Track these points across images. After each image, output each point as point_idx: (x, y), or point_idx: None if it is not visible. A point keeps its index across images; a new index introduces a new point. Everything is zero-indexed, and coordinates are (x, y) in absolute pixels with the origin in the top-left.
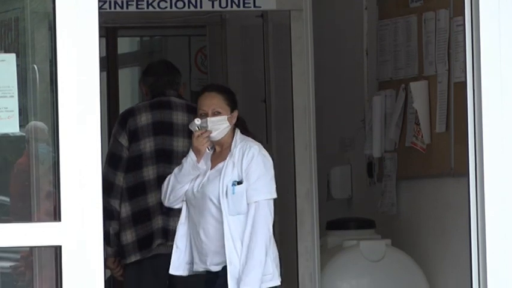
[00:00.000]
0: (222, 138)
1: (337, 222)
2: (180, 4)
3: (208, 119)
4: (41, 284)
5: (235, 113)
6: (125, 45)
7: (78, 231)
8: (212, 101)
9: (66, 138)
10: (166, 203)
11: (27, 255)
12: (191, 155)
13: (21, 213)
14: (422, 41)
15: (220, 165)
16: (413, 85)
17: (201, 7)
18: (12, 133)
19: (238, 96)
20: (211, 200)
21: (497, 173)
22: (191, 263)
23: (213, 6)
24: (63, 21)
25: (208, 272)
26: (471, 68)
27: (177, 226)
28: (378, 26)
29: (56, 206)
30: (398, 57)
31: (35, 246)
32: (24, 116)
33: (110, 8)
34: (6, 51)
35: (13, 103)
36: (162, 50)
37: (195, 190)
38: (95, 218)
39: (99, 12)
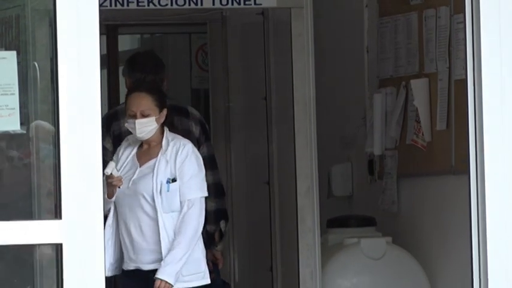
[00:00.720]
0: (150, 137)
1: (338, 220)
2: (180, 1)
3: (137, 121)
4: (42, 282)
5: (164, 112)
6: (126, 42)
7: (79, 229)
8: (141, 102)
9: (66, 136)
10: None
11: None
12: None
13: (18, 210)
14: (422, 38)
15: (151, 162)
16: (414, 83)
17: (201, 4)
18: (13, 130)
19: (239, 94)
20: (144, 197)
21: (497, 171)
22: (117, 262)
23: (213, 4)
24: (63, 18)
25: (138, 271)
26: (472, 65)
27: (105, 229)
28: (378, 24)
29: (57, 203)
30: (399, 54)
31: (36, 244)
32: (25, 114)
33: (111, 5)
34: (6, 49)
35: (14, 101)
36: (162, 47)
37: (125, 187)
38: (95, 216)
39: (100, 10)
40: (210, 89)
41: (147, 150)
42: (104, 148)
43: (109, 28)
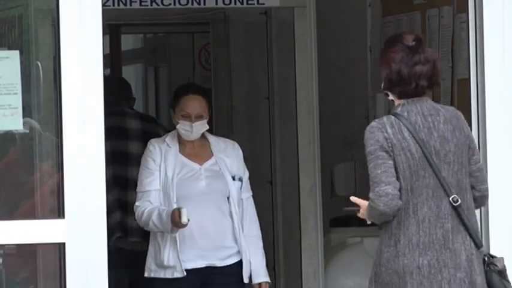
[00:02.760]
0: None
1: (341, 219)
2: (183, 1)
3: (194, 124)
4: (45, 280)
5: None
6: (129, 42)
7: (82, 228)
8: (197, 104)
9: (69, 135)
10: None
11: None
12: (168, 225)
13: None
14: (426, 37)
15: (211, 160)
16: None
17: (204, 4)
18: (16, 130)
19: (241, 93)
20: (221, 194)
21: (501, 169)
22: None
23: (216, 3)
24: (66, 18)
25: (210, 268)
26: (475, 64)
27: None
28: (381, 23)
29: (60, 203)
30: None
31: (39, 244)
32: (27, 113)
33: (114, 5)
34: (10, 48)
35: (17, 100)
36: (165, 47)
37: (201, 188)
38: (98, 215)
39: (103, 10)
40: (212, 88)
41: (194, 150)
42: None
43: (112, 28)
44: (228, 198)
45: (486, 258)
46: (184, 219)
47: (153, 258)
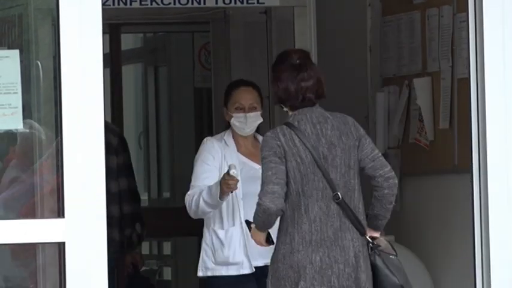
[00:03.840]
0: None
1: None
2: (183, 0)
3: (247, 114)
4: (45, 280)
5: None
6: (129, 41)
7: (82, 227)
8: (250, 95)
9: (69, 135)
10: (194, 217)
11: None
12: (217, 192)
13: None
14: (425, 37)
15: None
16: (416, 81)
17: (204, 3)
18: (16, 129)
19: None
20: None
21: (500, 169)
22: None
23: (216, 3)
24: (66, 17)
25: (266, 267)
26: (475, 64)
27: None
28: (381, 23)
29: (60, 202)
30: (402, 53)
31: (39, 243)
32: (27, 113)
33: (114, 4)
34: (9, 48)
35: (17, 99)
36: (165, 46)
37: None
38: (98, 215)
39: (103, 9)
40: (212, 87)
41: (249, 149)
42: None
43: (112, 27)
44: None
45: (371, 245)
46: (233, 171)
47: (210, 257)
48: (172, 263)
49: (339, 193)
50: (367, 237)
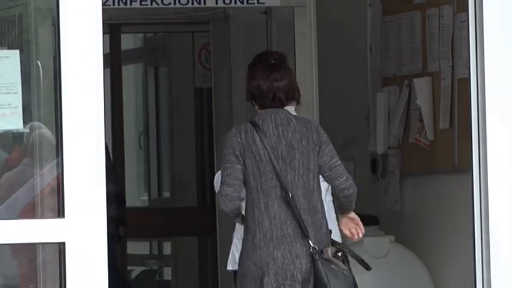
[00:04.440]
0: None
1: None
2: (183, 0)
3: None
4: (45, 280)
5: None
6: (129, 41)
7: (82, 227)
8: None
9: (69, 135)
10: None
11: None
12: None
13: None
14: (426, 37)
15: None
16: (416, 81)
17: (204, 3)
18: (16, 129)
19: (242, 93)
20: None
21: (500, 169)
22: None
23: (216, 3)
24: (66, 17)
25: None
26: (475, 64)
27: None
28: (381, 22)
29: (60, 202)
30: (402, 53)
31: (39, 243)
32: (27, 113)
33: (114, 4)
34: (9, 48)
35: (17, 99)
36: (165, 46)
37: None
38: (98, 215)
39: (103, 9)
40: (213, 87)
41: None
42: None
43: (112, 27)
44: None
45: (316, 254)
46: None
47: (239, 251)
48: (172, 263)
49: (288, 192)
50: (310, 248)
